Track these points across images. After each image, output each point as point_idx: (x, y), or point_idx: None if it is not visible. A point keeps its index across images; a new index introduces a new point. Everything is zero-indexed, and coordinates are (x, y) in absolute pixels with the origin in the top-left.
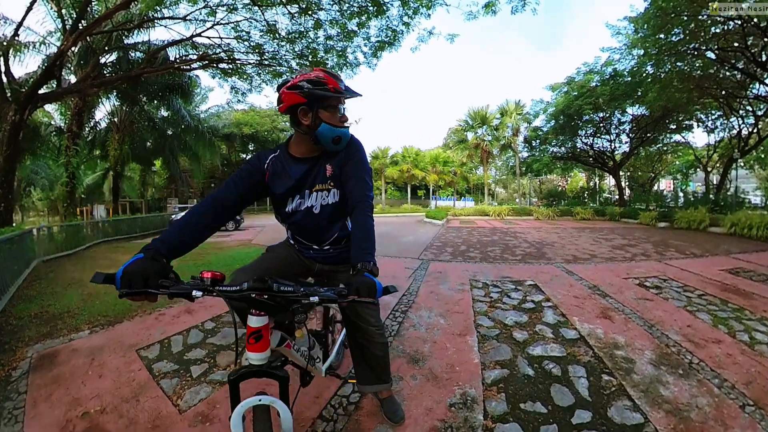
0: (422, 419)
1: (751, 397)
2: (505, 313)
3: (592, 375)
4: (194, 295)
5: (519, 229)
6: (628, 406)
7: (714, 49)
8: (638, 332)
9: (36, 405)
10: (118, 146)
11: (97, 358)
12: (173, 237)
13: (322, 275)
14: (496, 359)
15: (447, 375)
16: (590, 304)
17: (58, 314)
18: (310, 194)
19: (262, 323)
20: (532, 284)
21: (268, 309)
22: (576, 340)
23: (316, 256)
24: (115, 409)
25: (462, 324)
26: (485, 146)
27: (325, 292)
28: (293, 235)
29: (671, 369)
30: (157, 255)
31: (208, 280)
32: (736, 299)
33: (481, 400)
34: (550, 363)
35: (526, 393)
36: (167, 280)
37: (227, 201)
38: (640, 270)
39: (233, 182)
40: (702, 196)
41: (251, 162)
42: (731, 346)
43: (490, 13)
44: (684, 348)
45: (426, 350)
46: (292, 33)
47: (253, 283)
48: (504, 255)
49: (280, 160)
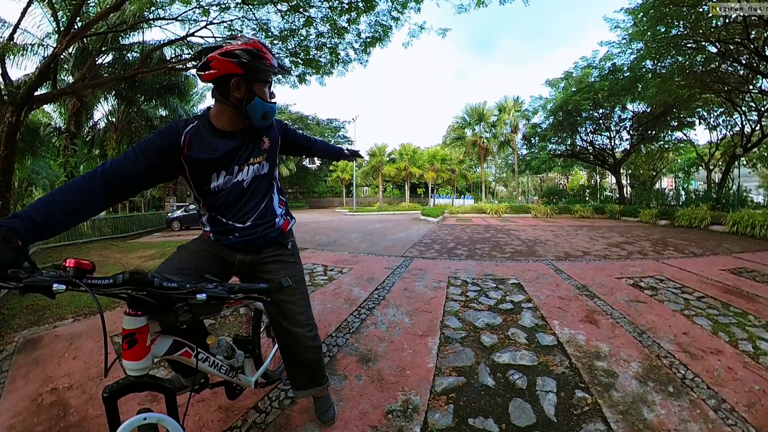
0: (353, 423)
1: (752, 422)
2: (477, 314)
3: (564, 390)
4: (55, 289)
5: (514, 227)
6: (602, 430)
7: (715, 43)
8: (626, 340)
9: (14, 381)
10: (116, 145)
11: (75, 343)
12: (37, 213)
13: (245, 270)
14: (453, 365)
15: (394, 378)
16: (575, 305)
17: (47, 305)
18: (239, 169)
19: (138, 325)
20: (515, 283)
21: (150, 309)
22: (552, 347)
23: (237, 241)
24: (80, 386)
25: (427, 324)
26: (483, 143)
27: (213, 289)
28: (212, 219)
29: (660, 386)
30: (10, 234)
31: (72, 269)
32: (738, 302)
33: (424, 410)
34: (516, 373)
35: (479, 406)
36: (20, 270)
37: (125, 174)
38: (635, 269)
39: (135, 152)
40: (704, 194)
41: (164, 132)
42: (732, 357)
43: (480, 5)
44: (677, 360)
45: (380, 350)
46: (283, 31)
47: (129, 276)
48: (492, 252)
49: (200, 133)
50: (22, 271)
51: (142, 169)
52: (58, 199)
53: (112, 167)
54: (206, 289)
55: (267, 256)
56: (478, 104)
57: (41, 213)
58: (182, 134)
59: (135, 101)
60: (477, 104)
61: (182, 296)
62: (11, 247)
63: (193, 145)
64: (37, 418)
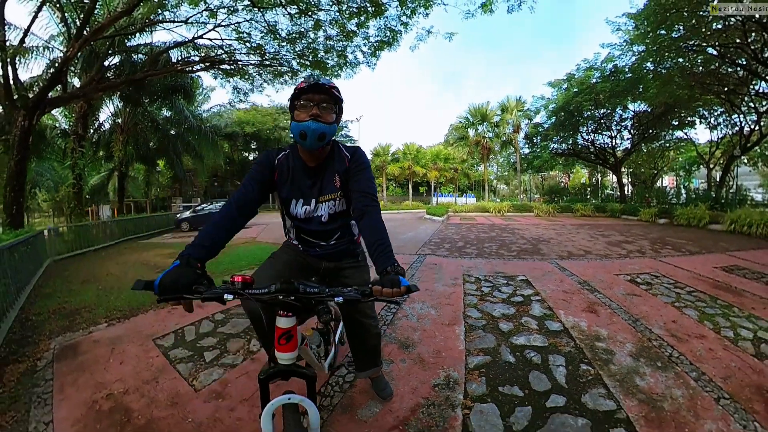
0: (408, 396)
1: (727, 390)
2: (493, 305)
3: (571, 364)
4: (225, 298)
5: (518, 226)
6: (603, 393)
7: (715, 45)
8: (622, 326)
9: (63, 389)
10: (123, 147)
11: (117, 348)
12: (204, 242)
13: (328, 274)
14: (480, 347)
15: (433, 359)
16: (578, 298)
17: (76, 309)
18: (317, 203)
19: (291, 324)
20: (523, 279)
21: (294, 310)
22: (559, 332)
23: (322, 253)
24: (137, 389)
25: (451, 315)
26: (486, 143)
27: (349, 292)
28: (298, 233)
29: (650, 361)
30: (192, 261)
31: (239, 284)
32: (726, 296)
33: (463, 382)
34: (532, 352)
35: (505, 378)
36: (201, 285)
37: (248, 199)
38: (633, 267)
39: (248, 182)
40: (704, 193)
41: (261, 161)
42: (714, 341)
43: (487, 12)
44: (666, 342)
45: (416, 338)
46: (292, 33)
47: (280, 285)
48: (500, 251)
49: (288, 162)
50: (202, 286)
51: (257, 193)
52: (216, 228)
53: (237, 198)
54: (342, 292)
55: (346, 264)
56: (481, 104)
57: (207, 240)
58: (275, 162)
59: (141, 103)
60: (480, 104)
61: (323, 299)
62: (194, 270)
63: (281, 173)
64: (99, 424)
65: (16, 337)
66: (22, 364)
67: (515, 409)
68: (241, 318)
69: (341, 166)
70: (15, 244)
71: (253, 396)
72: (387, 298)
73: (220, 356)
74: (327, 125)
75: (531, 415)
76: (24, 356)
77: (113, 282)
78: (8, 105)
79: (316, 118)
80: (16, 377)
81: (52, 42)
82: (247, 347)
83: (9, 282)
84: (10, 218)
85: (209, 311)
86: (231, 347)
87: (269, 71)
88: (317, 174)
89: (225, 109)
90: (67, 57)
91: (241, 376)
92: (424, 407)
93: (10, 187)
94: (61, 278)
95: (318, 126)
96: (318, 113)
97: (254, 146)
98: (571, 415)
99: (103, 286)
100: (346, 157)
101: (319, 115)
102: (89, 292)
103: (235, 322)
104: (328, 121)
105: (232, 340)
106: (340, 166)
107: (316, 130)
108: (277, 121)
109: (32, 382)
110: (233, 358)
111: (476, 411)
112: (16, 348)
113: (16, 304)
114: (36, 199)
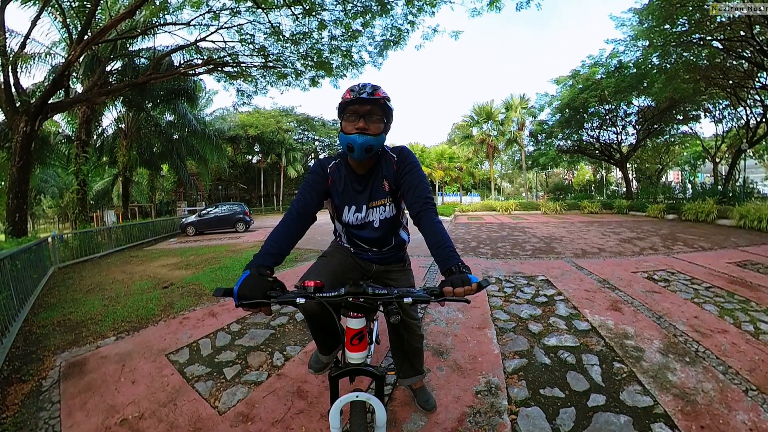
0: (452, 406)
1: (753, 382)
2: (519, 306)
3: (605, 363)
4: (298, 302)
5: (527, 224)
6: (639, 390)
7: (720, 39)
8: (647, 323)
9: (71, 414)
10: (126, 152)
11: (127, 365)
12: (271, 249)
13: (378, 276)
14: (514, 350)
15: (470, 365)
16: (600, 297)
17: (81, 321)
18: (368, 209)
19: (362, 325)
20: (543, 279)
21: (363, 311)
22: (588, 331)
23: (374, 258)
24: (154, 414)
25: (480, 318)
26: (490, 141)
27: (417, 293)
28: (350, 238)
29: (678, 357)
30: (261, 269)
31: (311, 288)
32: (742, 291)
33: (504, 387)
34: (565, 352)
35: (544, 380)
36: (274, 291)
37: (306, 207)
38: (648, 264)
39: (305, 190)
40: (710, 187)
41: (314, 170)
42: (736, 336)
43: (494, 9)
44: (690, 338)
45: (448, 343)
46: (296, 34)
47: (349, 288)
48: (514, 251)
49: (339, 170)
50: (275, 291)
51: (314, 201)
52: (280, 236)
53: (297, 206)
54: (411, 293)
55: (394, 267)
56: (485, 103)
57: (274, 248)
58: (327, 170)
59: (144, 107)
60: (484, 103)
61: (391, 300)
62: (265, 277)
63: (334, 180)
64: None
65: (19, 353)
66: (26, 384)
67: (559, 410)
68: (259, 329)
69: (389, 170)
70: (16, 253)
71: (285, 417)
72: (458, 297)
73: (242, 372)
74: (374, 137)
75: (575, 415)
76: (28, 375)
77: (120, 289)
78: (10, 110)
79: (363, 131)
80: (20, 399)
81: (54, 48)
82: (269, 361)
83: (11, 293)
84: (12, 226)
85: (223, 321)
86: (252, 362)
87: (273, 73)
88: (366, 181)
89: (228, 112)
90: (69, 60)
91: (268, 395)
92: (471, 416)
93: (13, 194)
94: (65, 287)
95: (364, 140)
96: (364, 126)
97: (257, 149)
98: (613, 413)
99: (109, 295)
100: (392, 158)
101: (366, 128)
102: (94, 302)
103: (253, 333)
104: (374, 132)
105: (253, 353)
106: (387, 170)
107: (363, 144)
108: (280, 123)
109: (37, 406)
110: (257, 375)
111: (522, 416)
112: (20, 365)
113: (19, 317)
114: (41, 205)
